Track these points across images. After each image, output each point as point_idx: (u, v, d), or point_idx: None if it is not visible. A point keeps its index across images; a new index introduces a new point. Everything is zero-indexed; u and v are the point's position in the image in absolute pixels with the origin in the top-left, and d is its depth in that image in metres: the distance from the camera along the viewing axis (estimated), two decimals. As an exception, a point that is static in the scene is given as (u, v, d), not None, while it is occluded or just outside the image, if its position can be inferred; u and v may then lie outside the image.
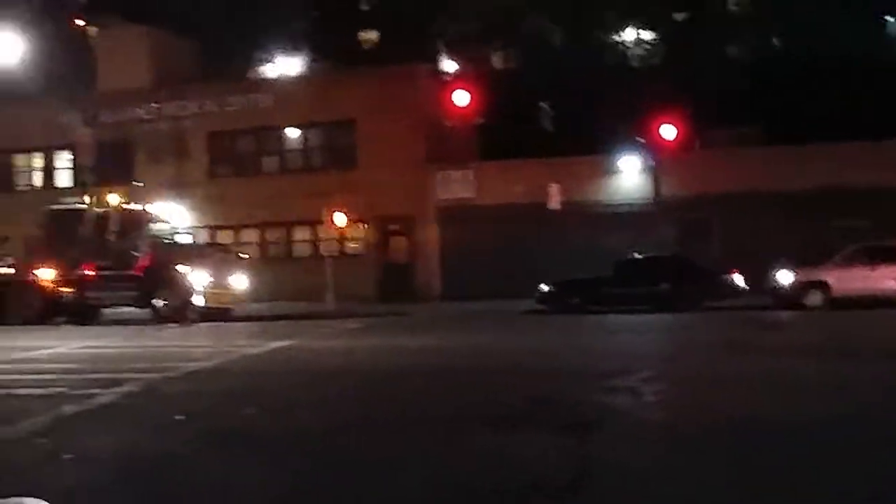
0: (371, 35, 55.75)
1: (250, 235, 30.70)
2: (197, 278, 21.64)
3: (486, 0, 44.10)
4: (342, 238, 27.99)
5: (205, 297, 21.63)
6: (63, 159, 32.06)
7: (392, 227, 29.52)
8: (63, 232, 22.91)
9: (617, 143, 29.88)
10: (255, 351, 14.22)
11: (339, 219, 25.59)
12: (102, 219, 22.82)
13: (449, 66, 38.90)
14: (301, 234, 30.14)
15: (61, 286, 22.39)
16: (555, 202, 26.04)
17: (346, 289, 25.12)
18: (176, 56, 33.04)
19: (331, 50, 44.19)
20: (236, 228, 30.12)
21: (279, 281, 27.15)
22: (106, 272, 22.18)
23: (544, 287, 22.43)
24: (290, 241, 30.84)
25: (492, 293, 24.48)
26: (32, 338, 17.24)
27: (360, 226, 28.59)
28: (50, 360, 13.75)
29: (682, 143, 26.65)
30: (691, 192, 27.03)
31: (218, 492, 5.98)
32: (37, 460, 7.22)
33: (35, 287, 22.47)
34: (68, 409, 9.23)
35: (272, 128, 30.89)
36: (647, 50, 48.20)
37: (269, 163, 31.44)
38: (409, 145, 28.64)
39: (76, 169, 30.19)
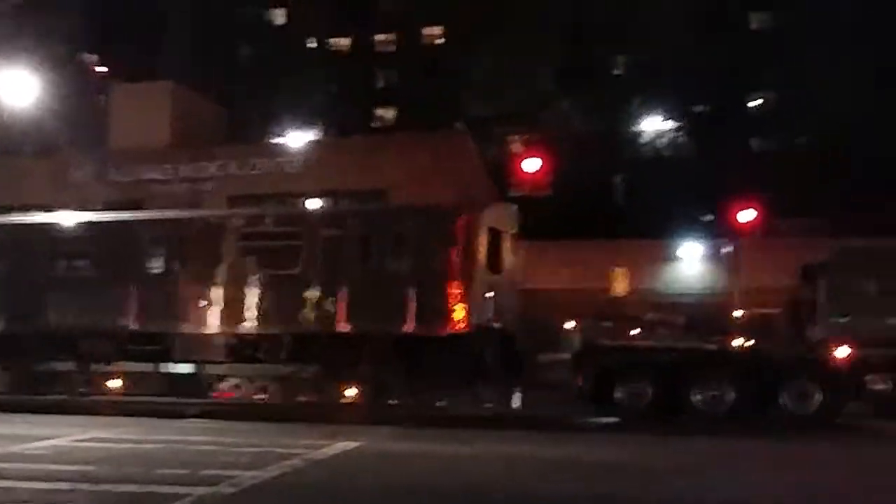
0: (388, 112, 54.29)
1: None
2: None
3: (512, 83, 43.15)
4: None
5: None
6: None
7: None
8: (849, 285, 15.79)
9: (672, 227, 28.43)
10: (317, 454, 10.97)
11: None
12: None
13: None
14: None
15: (866, 370, 15.22)
16: (621, 288, 23.24)
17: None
18: (198, 116, 30.60)
19: (347, 126, 42.55)
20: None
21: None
22: None
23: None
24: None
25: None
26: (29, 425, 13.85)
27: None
28: (54, 458, 10.47)
29: (762, 229, 24.73)
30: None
31: None
32: None
33: (828, 371, 15.22)
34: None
35: (297, 195, 28.14)
36: (673, 140, 48.22)
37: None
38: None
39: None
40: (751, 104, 48.97)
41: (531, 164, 19.21)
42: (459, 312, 15.86)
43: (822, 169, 38.40)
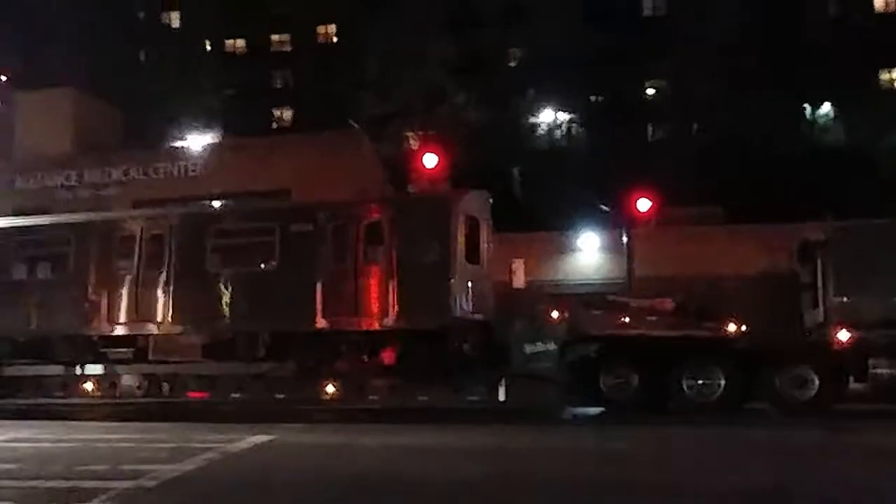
0: (285, 112, 54.44)
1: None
2: None
3: (407, 79, 43.66)
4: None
5: None
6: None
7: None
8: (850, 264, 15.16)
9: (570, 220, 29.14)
10: (233, 448, 11.62)
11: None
12: None
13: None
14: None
15: (869, 353, 14.68)
16: (519, 281, 24.03)
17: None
18: (99, 121, 30.65)
19: (245, 127, 42.56)
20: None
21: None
22: None
23: None
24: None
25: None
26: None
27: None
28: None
29: (657, 217, 25.74)
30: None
31: None
32: None
33: (829, 355, 14.84)
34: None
35: (201, 197, 28.38)
36: (568, 130, 48.88)
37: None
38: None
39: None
40: (645, 93, 49.78)
41: (428, 160, 19.96)
42: (439, 305, 15.40)
43: (714, 157, 39.55)
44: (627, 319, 16.37)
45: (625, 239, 25.80)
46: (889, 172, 34.06)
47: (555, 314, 16.78)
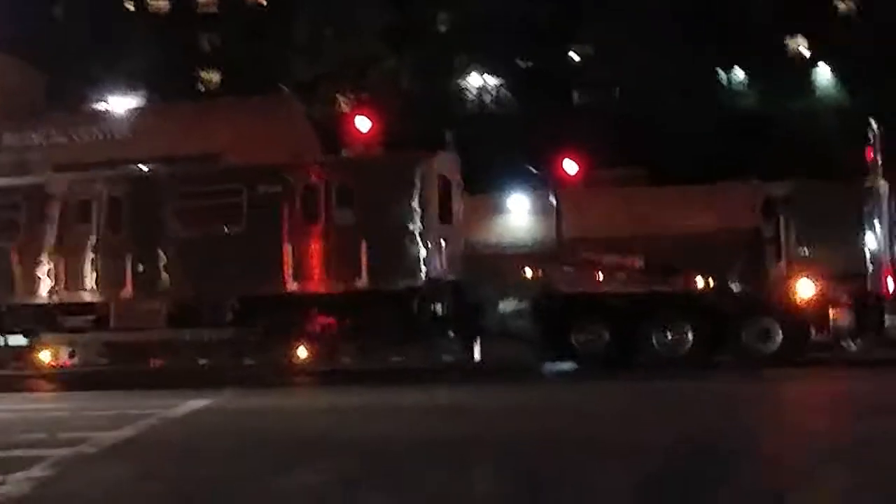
0: (213, 76, 53.45)
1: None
2: None
3: (337, 43, 43.34)
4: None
5: None
6: None
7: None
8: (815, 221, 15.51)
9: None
10: (172, 413, 11.59)
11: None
12: None
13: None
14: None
15: (829, 304, 14.99)
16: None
17: None
18: (21, 83, 29.49)
19: (170, 90, 41.61)
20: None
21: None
22: None
23: None
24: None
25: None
26: None
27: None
28: None
29: (584, 179, 26.21)
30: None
31: None
32: None
33: (780, 309, 15.18)
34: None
35: (126, 161, 27.74)
36: (497, 95, 49.40)
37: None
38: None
39: None
40: (571, 57, 50.47)
41: (361, 124, 19.86)
42: (411, 266, 15.38)
43: (636, 120, 40.45)
44: (598, 276, 16.65)
45: (552, 201, 26.28)
46: (797, 137, 35.29)
47: (527, 272, 16.84)
